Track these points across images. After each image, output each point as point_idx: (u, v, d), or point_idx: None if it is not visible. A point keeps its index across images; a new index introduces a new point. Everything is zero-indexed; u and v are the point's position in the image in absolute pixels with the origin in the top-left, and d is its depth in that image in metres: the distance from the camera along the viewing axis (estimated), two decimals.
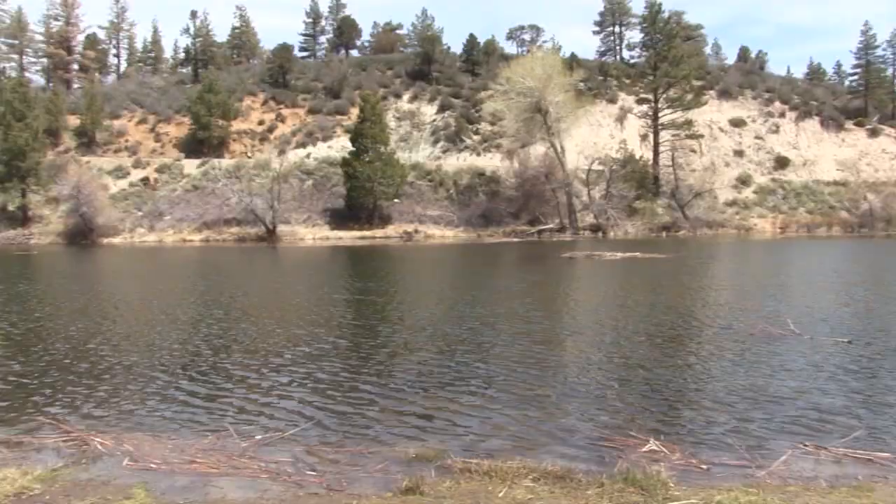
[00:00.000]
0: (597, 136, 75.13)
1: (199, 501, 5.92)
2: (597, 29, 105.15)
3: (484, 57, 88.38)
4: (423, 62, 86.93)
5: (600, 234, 58.90)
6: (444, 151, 74.46)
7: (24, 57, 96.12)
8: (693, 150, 70.94)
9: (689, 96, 67.39)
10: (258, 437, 7.82)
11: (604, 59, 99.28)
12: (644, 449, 7.05)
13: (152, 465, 6.87)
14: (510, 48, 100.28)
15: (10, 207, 62.38)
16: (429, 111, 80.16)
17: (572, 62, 75.70)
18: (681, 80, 66.82)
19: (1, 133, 61.01)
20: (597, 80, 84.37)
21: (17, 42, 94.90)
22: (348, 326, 15.27)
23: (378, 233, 58.46)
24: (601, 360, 11.30)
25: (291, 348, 12.77)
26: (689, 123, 65.89)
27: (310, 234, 58.38)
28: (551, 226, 59.90)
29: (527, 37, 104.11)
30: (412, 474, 6.34)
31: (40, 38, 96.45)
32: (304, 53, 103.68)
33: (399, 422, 8.31)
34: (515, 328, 14.29)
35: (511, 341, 12.90)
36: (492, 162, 69.90)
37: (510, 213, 62.33)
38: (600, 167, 63.29)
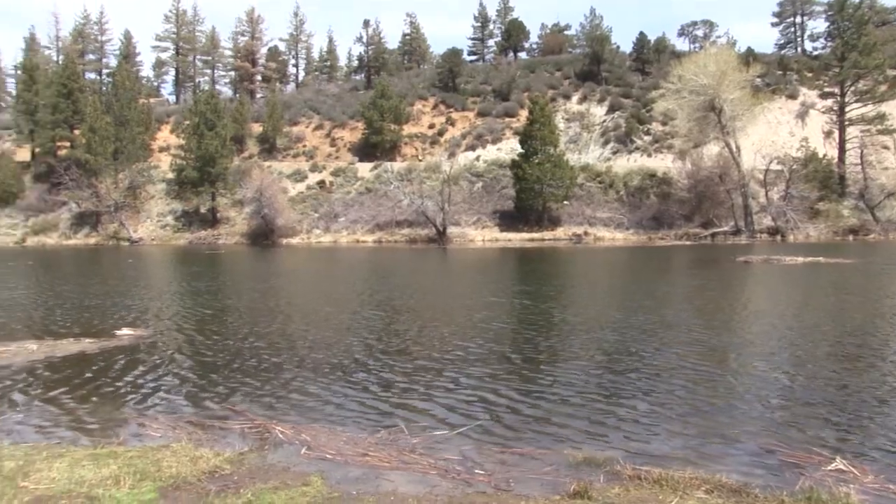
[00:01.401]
0: (775, 133, 71.41)
1: (371, 493, 6.07)
2: (776, 20, 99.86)
3: (654, 55, 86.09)
4: (591, 62, 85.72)
5: (779, 237, 55.96)
6: (615, 152, 73.09)
7: (215, 71, 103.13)
8: (886, 147, 65.90)
9: (883, 87, 62.77)
10: (428, 433, 7.96)
11: (783, 52, 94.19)
12: (829, 468, 6.60)
13: (328, 456, 7.15)
14: (682, 45, 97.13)
15: (202, 210, 67.08)
16: (598, 112, 78.95)
17: (748, 57, 72.29)
18: (872, 70, 62.25)
19: (195, 142, 65.72)
20: (775, 74, 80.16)
21: (209, 58, 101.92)
22: (515, 328, 15.28)
23: (547, 235, 58.19)
24: (776, 371, 10.70)
25: (459, 348, 12.92)
26: (881, 118, 61.30)
27: (479, 236, 58.91)
28: (726, 229, 57.46)
29: (699, 33, 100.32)
30: (580, 478, 6.25)
31: (229, 53, 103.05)
32: (473, 57, 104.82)
33: (566, 426, 8.21)
34: (685, 336, 13.81)
35: (680, 349, 12.47)
36: (663, 163, 67.97)
37: (682, 215, 60.35)
38: (779, 167, 60.11)
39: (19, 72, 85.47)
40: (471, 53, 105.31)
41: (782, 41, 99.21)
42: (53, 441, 7.91)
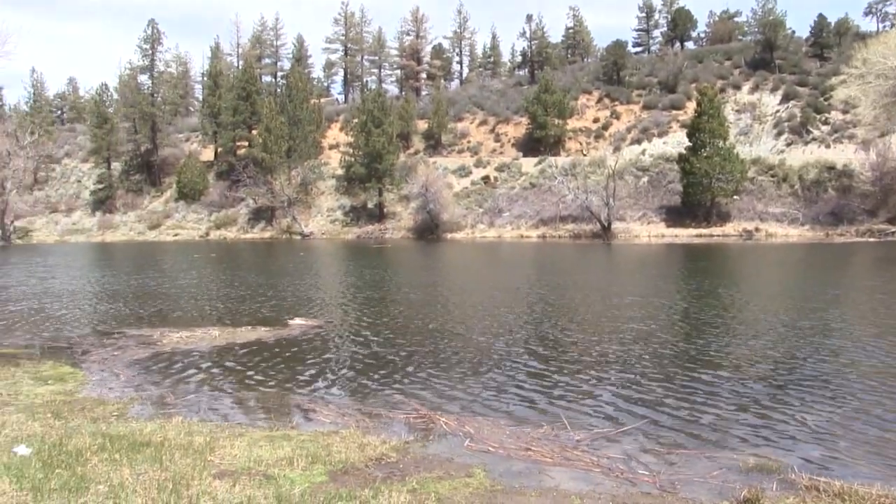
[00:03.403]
0: None
1: (533, 488, 6.08)
2: None
3: (835, 38, 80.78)
4: (764, 50, 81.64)
5: None
6: (789, 144, 69.09)
7: (381, 70, 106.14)
8: None
9: None
10: (591, 430, 7.92)
11: None
12: None
13: (490, 449, 7.24)
14: (868, 25, 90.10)
15: (370, 205, 69.25)
16: (771, 102, 75.04)
17: None
18: None
19: (363, 139, 67.94)
20: None
21: (376, 58, 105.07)
22: (677, 328, 14.90)
23: (715, 231, 56.01)
24: None
25: (624, 346, 12.73)
26: None
27: (644, 232, 57.52)
28: None
29: (891, 9, 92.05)
30: (751, 485, 6.03)
31: (395, 52, 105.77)
32: (638, 49, 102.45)
33: (736, 428, 7.98)
34: (856, 344, 12.93)
35: (850, 356, 11.77)
36: (843, 154, 63.53)
37: (865, 210, 56.20)
38: None
39: (205, 78, 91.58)
40: (635, 45, 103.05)
41: None
42: (234, 421, 8.49)
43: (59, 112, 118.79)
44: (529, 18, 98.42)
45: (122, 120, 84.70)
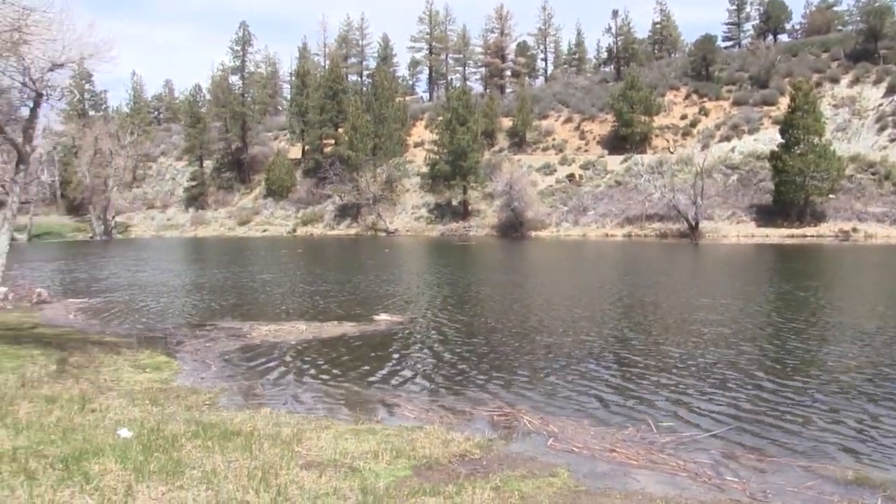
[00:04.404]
0: None
1: (618, 490, 6.03)
2: None
3: None
4: (866, 40, 78.01)
5: None
6: (892, 140, 65.95)
7: (466, 68, 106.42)
8: None
9: None
10: (678, 434, 7.82)
11: None
12: None
13: (574, 449, 7.22)
14: None
15: (454, 202, 69.53)
16: (873, 95, 71.80)
17: None
18: None
19: (447, 137, 68.25)
20: None
21: (461, 56, 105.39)
22: (770, 332, 14.54)
23: (809, 231, 54.10)
24: None
25: (711, 349, 12.52)
26: None
27: (734, 232, 56.04)
28: None
29: None
30: (851, 499, 5.81)
31: (479, 50, 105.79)
32: (728, 43, 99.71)
33: (829, 438, 7.73)
34: None
35: None
36: None
37: None
38: None
39: (293, 78, 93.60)
40: (725, 39, 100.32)
41: None
42: (320, 413, 8.69)
43: (156, 113, 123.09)
44: (615, 14, 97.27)
45: (214, 119, 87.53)
